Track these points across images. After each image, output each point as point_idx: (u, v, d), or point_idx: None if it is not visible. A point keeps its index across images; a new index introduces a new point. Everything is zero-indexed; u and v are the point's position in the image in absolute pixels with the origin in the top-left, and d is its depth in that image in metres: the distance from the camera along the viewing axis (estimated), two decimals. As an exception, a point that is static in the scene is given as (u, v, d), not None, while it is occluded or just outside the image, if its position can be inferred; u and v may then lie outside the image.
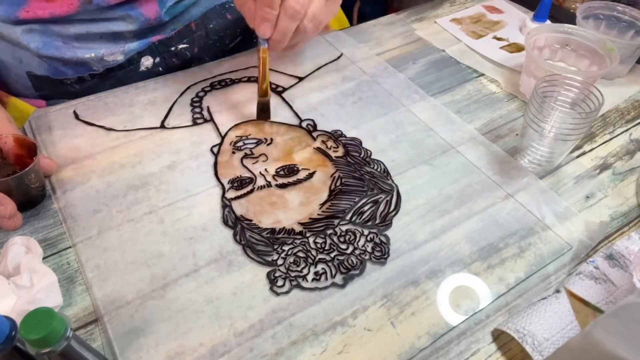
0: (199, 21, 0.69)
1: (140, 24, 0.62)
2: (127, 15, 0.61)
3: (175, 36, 0.67)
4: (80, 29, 0.60)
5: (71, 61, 0.63)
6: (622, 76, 0.68)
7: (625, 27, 0.68)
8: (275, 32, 0.52)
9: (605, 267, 0.44)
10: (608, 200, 0.52)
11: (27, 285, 0.40)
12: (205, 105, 0.61)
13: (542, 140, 0.51)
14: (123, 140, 0.56)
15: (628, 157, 0.57)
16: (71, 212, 0.49)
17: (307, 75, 0.66)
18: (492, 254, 0.46)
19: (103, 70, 0.65)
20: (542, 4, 0.72)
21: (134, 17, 0.61)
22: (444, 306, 0.42)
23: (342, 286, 0.43)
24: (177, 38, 0.68)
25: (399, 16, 0.80)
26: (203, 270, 0.44)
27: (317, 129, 0.58)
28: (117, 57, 0.64)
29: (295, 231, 0.47)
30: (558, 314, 0.40)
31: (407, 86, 0.65)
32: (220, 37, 0.72)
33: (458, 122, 0.60)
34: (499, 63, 0.70)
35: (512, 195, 0.51)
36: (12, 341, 0.29)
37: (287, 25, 0.52)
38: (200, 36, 0.70)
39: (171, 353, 0.39)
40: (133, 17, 0.61)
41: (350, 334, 0.40)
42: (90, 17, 0.60)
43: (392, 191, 0.51)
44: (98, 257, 0.45)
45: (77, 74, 0.64)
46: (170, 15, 0.64)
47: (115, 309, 0.42)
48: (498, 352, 0.40)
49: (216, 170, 0.53)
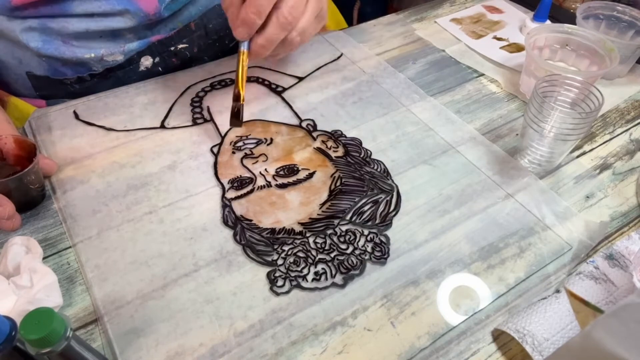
0: (198, 21, 0.69)
1: (139, 19, 0.62)
2: (126, 11, 0.60)
3: (174, 36, 0.67)
4: (79, 25, 0.60)
5: (71, 61, 0.63)
6: (622, 76, 0.68)
7: (625, 27, 0.68)
8: (262, 38, 0.51)
9: (605, 267, 0.44)
10: (608, 200, 0.52)
11: (27, 285, 0.40)
12: (205, 105, 0.61)
13: (542, 140, 0.51)
14: (123, 140, 0.56)
15: (628, 157, 0.57)
16: (71, 212, 0.49)
17: (307, 75, 0.66)
18: (492, 254, 0.46)
19: (103, 70, 0.64)
20: (542, 4, 0.72)
21: (133, 13, 0.61)
22: (444, 306, 0.42)
23: (342, 286, 0.43)
24: (177, 38, 0.68)
25: (399, 16, 0.80)
26: (203, 270, 0.44)
27: (317, 129, 0.58)
28: (117, 57, 0.64)
29: (295, 231, 0.47)
30: (558, 314, 0.40)
31: (407, 86, 0.65)
32: (220, 37, 0.72)
33: (458, 122, 0.60)
34: (499, 63, 0.70)
35: (512, 195, 0.51)
36: (12, 341, 0.29)
37: (276, 33, 0.51)
38: (199, 36, 0.70)
39: (171, 353, 0.39)
40: (132, 13, 0.61)
41: (350, 334, 0.40)
42: (88, 11, 0.59)
43: (392, 191, 0.51)
44: (98, 257, 0.45)
45: (76, 74, 0.64)
46: (169, 11, 0.64)
47: (115, 309, 0.42)
48: (498, 352, 0.40)
49: (216, 170, 0.53)
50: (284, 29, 0.51)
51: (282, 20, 0.50)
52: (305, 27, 0.53)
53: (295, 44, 0.53)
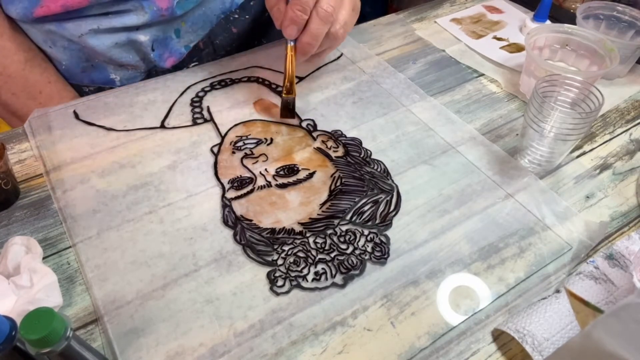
0: (206, 39, 0.70)
1: (152, 14, 0.62)
2: (140, 6, 0.61)
3: (186, 58, 0.70)
4: (92, 24, 0.61)
5: (91, 85, 0.68)
6: (622, 76, 0.68)
7: (625, 27, 0.68)
8: (307, 35, 0.52)
9: (605, 267, 0.44)
10: (608, 200, 0.52)
11: (27, 285, 0.40)
12: (205, 105, 0.61)
13: (542, 140, 0.51)
14: (123, 140, 0.56)
15: (628, 157, 0.57)
16: (71, 212, 0.49)
17: (307, 75, 0.66)
18: (492, 254, 0.46)
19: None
20: (542, 4, 0.72)
21: (146, 7, 0.61)
22: (444, 306, 0.42)
23: (342, 286, 0.43)
24: (188, 60, 0.70)
25: (399, 16, 0.80)
26: (203, 270, 0.44)
27: (317, 129, 0.58)
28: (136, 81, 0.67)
29: (295, 231, 0.47)
30: (558, 314, 0.40)
31: (407, 86, 0.65)
32: (227, 51, 0.74)
33: (458, 122, 0.60)
34: (499, 63, 0.70)
35: (512, 195, 0.51)
36: (12, 341, 0.29)
37: (319, 27, 0.52)
38: (208, 53, 0.72)
39: (171, 353, 0.39)
40: (145, 7, 0.61)
41: (350, 334, 0.40)
42: (102, 10, 0.60)
43: (392, 191, 0.51)
44: (98, 257, 0.45)
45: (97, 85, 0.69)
46: (182, 9, 0.64)
47: (115, 309, 0.42)
48: (498, 352, 0.40)
49: (216, 170, 0.53)
50: (326, 22, 0.52)
51: (322, 14, 0.51)
52: (346, 18, 0.54)
53: (340, 37, 0.55)
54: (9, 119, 0.68)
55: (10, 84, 0.63)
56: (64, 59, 0.65)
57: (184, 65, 0.70)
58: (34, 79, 0.64)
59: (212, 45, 0.71)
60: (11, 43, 0.62)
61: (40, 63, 0.65)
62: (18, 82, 0.63)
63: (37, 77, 0.64)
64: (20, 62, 0.62)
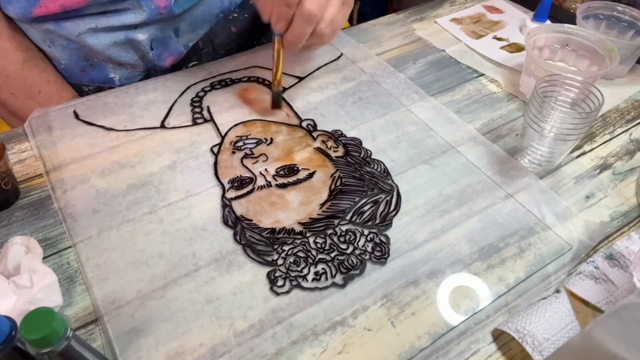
0: (205, 38, 0.70)
1: (150, 13, 0.62)
2: (137, 5, 0.61)
3: (185, 58, 0.70)
4: (90, 23, 0.61)
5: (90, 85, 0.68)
6: (622, 76, 0.68)
7: (625, 27, 0.68)
8: (290, 34, 0.51)
9: (605, 267, 0.44)
10: (608, 200, 0.52)
11: (27, 285, 0.40)
12: (205, 105, 0.61)
13: (542, 140, 0.51)
14: (123, 140, 0.56)
15: (628, 157, 0.57)
16: (71, 212, 0.49)
17: (307, 75, 0.66)
18: (492, 254, 0.46)
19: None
20: (542, 4, 0.72)
21: (144, 6, 0.61)
22: (444, 306, 0.42)
23: (342, 286, 0.43)
24: (187, 59, 0.70)
25: (399, 16, 0.80)
26: (203, 270, 0.44)
27: (317, 129, 0.58)
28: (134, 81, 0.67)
29: (295, 231, 0.47)
30: (558, 314, 0.40)
31: (407, 86, 0.65)
32: (227, 50, 0.74)
33: (458, 122, 0.60)
34: (499, 63, 0.70)
35: (512, 195, 0.51)
36: (12, 341, 0.29)
37: (302, 27, 0.51)
38: (207, 52, 0.72)
39: (171, 353, 0.39)
40: (143, 6, 0.61)
41: (350, 334, 0.40)
42: (100, 9, 0.60)
43: (392, 191, 0.51)
44: (98, 257, 0.45)
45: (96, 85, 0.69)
46: (180, 8, 0.64)
47: (115, 309, 0.42)
48: (498, 352, 0.40)
49: (216, 170, 0.53)
50: (310, 22, 0.50)
51: (305, 13, 0.49)
52: (333, 17, 0.52)
53: (327, 35, 0.53)
54: (8, 119, 0.68)
55: (9, 83, 0.63)
56: (63, 58, 0.65)
57: (183, 64, 0.70)
58: (32, 79, 0.64)
59: (211, 45, 0.71)
60: (10, 43, 0.62)
61: (39, 63, 0.65)
62: (17, 82, 0.63)
63: (36, 77, 0.64)
64: (19, 62, 0.62)
